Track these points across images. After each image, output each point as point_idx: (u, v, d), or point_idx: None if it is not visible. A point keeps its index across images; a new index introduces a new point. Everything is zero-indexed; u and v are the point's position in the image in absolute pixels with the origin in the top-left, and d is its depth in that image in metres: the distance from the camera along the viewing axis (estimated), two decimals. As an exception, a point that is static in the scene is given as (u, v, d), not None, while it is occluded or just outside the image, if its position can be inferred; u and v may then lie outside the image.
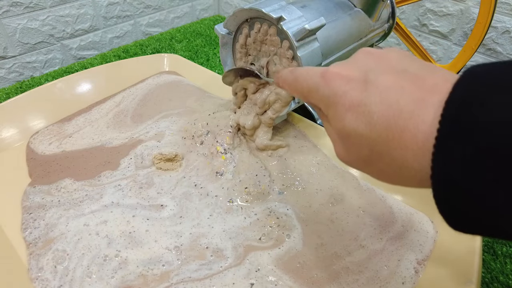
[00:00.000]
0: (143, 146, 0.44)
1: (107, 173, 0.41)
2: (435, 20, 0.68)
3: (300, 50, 0.35)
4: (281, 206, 0.37)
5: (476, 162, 0.15)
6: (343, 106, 0.20)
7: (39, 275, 0.31)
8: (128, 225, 0.35)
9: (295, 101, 0.40)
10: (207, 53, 0.73)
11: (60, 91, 0.52)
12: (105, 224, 0.35)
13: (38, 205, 0.37)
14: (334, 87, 0.21)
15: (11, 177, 0.40)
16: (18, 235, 0.34)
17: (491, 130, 0.14)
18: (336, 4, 0.46)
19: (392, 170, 0.19)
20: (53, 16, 0.68)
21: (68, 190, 0.39)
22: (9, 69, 0.66)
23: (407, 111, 0.17)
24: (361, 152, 0.20)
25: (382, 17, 0.52)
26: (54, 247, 0.33)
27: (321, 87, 0.22)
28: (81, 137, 0.46)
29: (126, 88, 0.56)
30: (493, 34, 0.62)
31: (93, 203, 0.37)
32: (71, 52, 0.74)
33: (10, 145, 0.45)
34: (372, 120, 0.19)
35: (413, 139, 0.17)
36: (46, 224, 0.35)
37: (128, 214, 0.36)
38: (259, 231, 0.35)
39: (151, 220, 0.36)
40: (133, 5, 0.80)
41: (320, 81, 0.23)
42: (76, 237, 0.34)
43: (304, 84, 0.24)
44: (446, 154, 0.16)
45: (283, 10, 0.36)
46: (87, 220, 0.35)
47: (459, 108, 0.16)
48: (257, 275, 0.31)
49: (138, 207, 0.37)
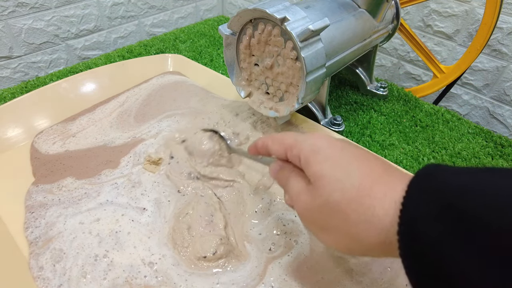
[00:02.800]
0: (143, 145, 0.44)
1: (107, 172, 0.41)
2: (439, 20, 0.68)
3: (304, 50, 0.35)
4: (289, 214, 0.37)
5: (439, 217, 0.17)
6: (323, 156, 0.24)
7: (40, 273, 0.31)
8: (117, 224, 0.35)
9: (298, 101, 0.40)
10: (211, 54, 0.73)
11: (64, 91, 0.52)
12: (97, 222, 0.35)
13: (40, 204, 0.37)
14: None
15: (16, 177, 0.41)
16: (22, 234, 0.35)
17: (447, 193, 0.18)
18: (340, 4, 0.46)
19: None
20: (58, 16, 0.69)
21: (69, 188, 0.39)
22: (14, 69, 0.67)
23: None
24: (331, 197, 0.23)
25: (387, 18, 0.52)
26: (52, 246, 0.33)
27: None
28: (84, 136, 0.47)
29: (130, 88, 0.56)
30: (499, 35, 0.62)
31: (90, 201, 0.38)
32: (75, 52, 0.75)
33: (15, 145, 0.45)
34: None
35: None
36: (46, 223, 0.35)
37: (118, 213, 0.36)
38: (270, 241, 0.35)
39: (135, 222, 0.36)
40: (138, 5, 0.80)
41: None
42: (72, 235, 0.34)
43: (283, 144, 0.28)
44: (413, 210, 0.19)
45: (287, 11, 0.36)
46: (83, 218, 0.36)
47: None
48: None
49: (127, 206, 0.37)
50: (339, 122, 0.49)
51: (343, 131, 0.49)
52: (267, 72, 0.42)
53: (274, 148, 0.28)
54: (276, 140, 0.28)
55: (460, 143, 0.52)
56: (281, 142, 0.28)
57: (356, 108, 0.58)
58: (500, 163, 0.48)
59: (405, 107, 0.59)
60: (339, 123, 0.49)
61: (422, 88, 0.65)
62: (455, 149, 0.50)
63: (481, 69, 0.66)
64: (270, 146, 0.29)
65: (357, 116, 0.56)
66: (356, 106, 0.59)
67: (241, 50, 0.43)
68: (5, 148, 0.44)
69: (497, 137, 0.53)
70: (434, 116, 0.57)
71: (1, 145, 0.44)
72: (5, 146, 0.44)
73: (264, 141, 0.30)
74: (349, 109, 0.58)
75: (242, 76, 0.45)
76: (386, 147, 0.50)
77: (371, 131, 0.53)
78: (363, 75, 0.60)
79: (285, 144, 0.27)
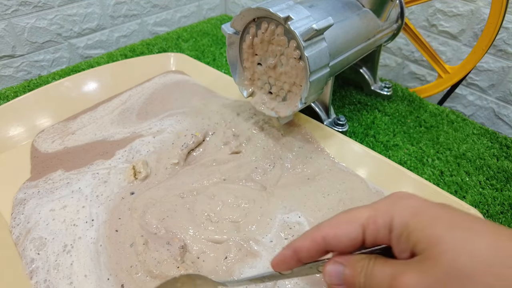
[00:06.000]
0: (140, 140, 0.44)
1: (99, 162, 0.42)
2: (444, 20, 0.67)
3: (307, 50, 0.35)
4: (293, 216, 0.36)
5: None
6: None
7: (33, 266, 0.31)
8: (75, 216, 0.35)
9: (301, 101, 0.39)
10: (213, 53, 0.72)
11: (67, 90, 0.52)
12: (64, 209, 0.36)
13: (19, 201, 0.37)
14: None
15: (17, 176, 0.41)
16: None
17: None
18: (344, 4, 0.45)
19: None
20: (61, 15, 0.69)
21: (54, 180, 0.39)
22: (17, 67, 0.67)
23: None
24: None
25: (391, 17, 0.51)
26: (31, 236, 0.33)
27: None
28: (83, 133, 0.47)
29: (133, 87, 0.56)
30: (504, 35, 0.61)
31: (66, 189, 0.38)
32: (78, 51, 0.74)
33: (18, 143, 0.45)
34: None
35: None
36: (25, 217, 0.35)
37: (81, 203, 0.37)
38: (279, 245, 0.34)
39: (83, 231, 0.34)
40: (140, 4, 0.80)
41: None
42: (45, 222, 0.35)
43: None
44: None
45: (291, 10, 0.35)
46: (54, 206, 0.36)
47: None
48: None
49: (92, 198, 0.37)
50: (343, 122, 0.48)
51: (346, 131, 0.48)
52: (270, 71, 0.41)
53: (340, 231, 0.21)
54: (339, 221, 0.21)
55: (465, 144, 0.51)
56: (350, 220, 0.21)
57: (360, 108, 0.58)
58: (505, 164, 0.47)
59: (410, 107, 0.58)
60: (343, 123, 0.48)
61: (426, 88, 0.64)
62: (460, 150, 0.50)
63: (486, 69, 0.65)
64: (330, 234, 0.21)
65: (360, 116, 0.56)
66: (360, 106, 0.58)
67: (244, 49, 0.42)
68: (7, 147, 0.44)
69: (502, 138, 0.52)
70: (439, 117, 0.56)
71: (4, 144, 0.44)
72: (8, 145, 0.44)
73: (314, 235, 0.21)
74: (353, 109, 0.58)
75: (244, 75, 0.45)
76: (390, 147, 0.50)
77: (375, 132, 0.52)
78: (367, 75, 0.60)
79: (359, 219, 0.20)
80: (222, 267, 0.31)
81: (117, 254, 0.32)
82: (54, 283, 0.30)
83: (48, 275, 0.31)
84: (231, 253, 0.32)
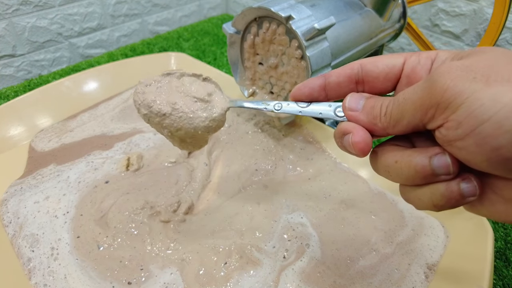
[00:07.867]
0: (141, 135, 0.44)
1: (96, 152, 0.42)
2: (447, 20, 0.67)
3: (309, 49, 0.35)
4: (296, 216, 0.36)
5: None
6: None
7: (31, 264, 0.31)
8: (57, 206, 0.35)
9: (303, 101, 0.39)
10: (214, 52, 0.72)
11: (67, 89, 0.52)
12: (47, 199, 0.36)
13: (1, 202, 0.37)
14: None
15: (16, 177, 0.40)
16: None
17: None
18: (346, 3, 0.45)
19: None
20: (62, 14, 0.69)
21: (44, 175, 0.39)
22: (17, 67, 0.67)
23: None
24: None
25: (393, 17, 0.51)
26: (23, 233, 0.33)
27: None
28: (82, 130, 0.47)
29: (133, 86, 0.55)
30: (507, 35, 0.61)
31: (54, 180, 0.38)
32: (78, 50, 0.74)
33: (18, 143, 0.45)
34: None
35: None
36: (13, 214, 0.35)
37: (63, 191, 0.37)
38: (283, 248, 0.34)
39: (61, 228, 0.34)
40: (141, 3, 0.80)
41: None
42: (32, 215, 0.35)
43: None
44: None
45: (292, 9, 0.35)
46: (37, 198, 0.36)
47: None
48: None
49: (74, 185, 0.37)
50: (344, 123, 0.48)
51: (348, 131, 0.48)
52: (272, 71, 0.41)
53: (380, 58, 0.19)
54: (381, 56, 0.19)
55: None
56: (393, 55, 0.19)
57: (361, 108, 0.57)
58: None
59: (411, 107, 0.58)
60: (344, 123, 0.48)
61: (428, 88, 0.64)
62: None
63: (488, 69, 0.65)
64: (369, 61, 0.20)
65: (362, 116, 0.56)
66: (361, 106, 0.58)
67: (246, 49, 0.42)
68: (7, 147, 0.44)
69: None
70: (441, 117, 0.56)
71: (4, 143, 0.44)
72: (8, 144, 0.44)
73: (351, 63, 0.20)
74: (354, 109, 0.57)
75: (246, 75, 0.45)
76: (392, 148, 0.50)
77: (376, 132, 0.52)
78: (369, 75, 0.60)
79: (402, 54, 0.19)
80: (220, 272, 0.31)
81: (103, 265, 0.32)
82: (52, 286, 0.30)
83: (44, 279, 0.30)
84: (232, 259, 0.32)
